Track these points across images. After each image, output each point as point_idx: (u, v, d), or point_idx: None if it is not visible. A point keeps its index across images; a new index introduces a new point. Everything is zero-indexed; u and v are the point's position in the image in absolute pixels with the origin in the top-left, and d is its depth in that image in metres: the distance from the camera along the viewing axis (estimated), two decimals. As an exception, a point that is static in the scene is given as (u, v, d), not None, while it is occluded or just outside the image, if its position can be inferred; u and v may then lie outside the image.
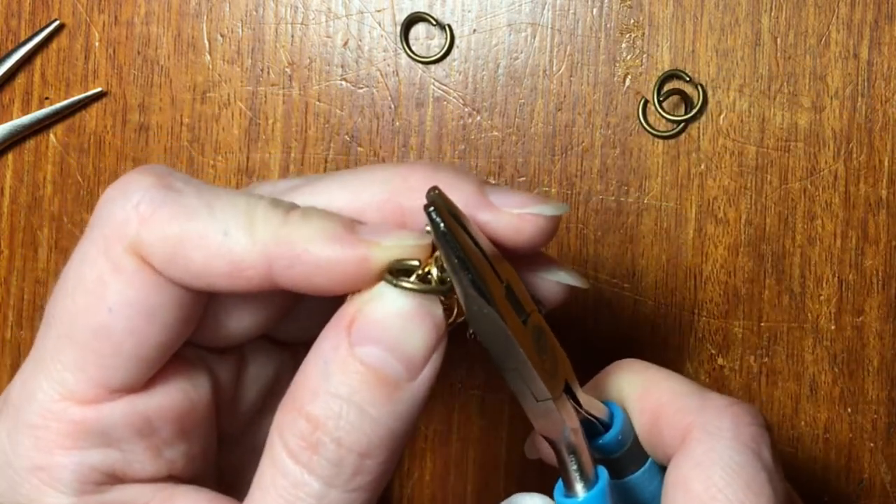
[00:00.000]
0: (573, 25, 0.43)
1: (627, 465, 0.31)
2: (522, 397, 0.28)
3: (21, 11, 0.44)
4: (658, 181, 0.42)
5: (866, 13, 0.42)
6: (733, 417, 0.29)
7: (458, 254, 0.25)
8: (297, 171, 0.43)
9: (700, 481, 0.28)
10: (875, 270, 0.42)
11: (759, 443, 0.29)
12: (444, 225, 0.25)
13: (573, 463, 0.29)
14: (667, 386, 0.31)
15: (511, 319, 0.26)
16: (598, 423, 0.30)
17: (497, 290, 0.26)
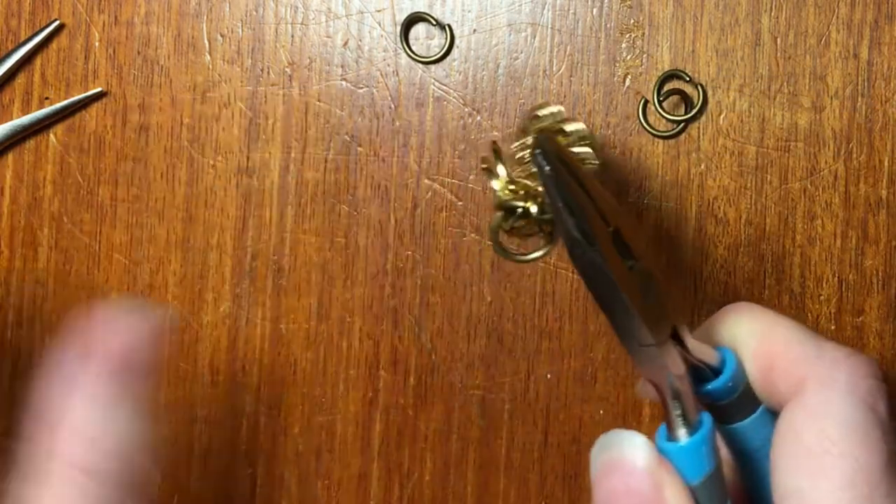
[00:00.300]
0: (573, 25, 0.43)
1: (738, 411, 0.31)
2: (626, 341, 0.28)
3: (21, 11, 0.44)
4: (658, 181, 0.42)
5: (866, 13, 0.42)
6: (850, 369, 0.28)
7: (564, 196, 0.25)
8: (297, 171, 0.43)
9: (813, 433, 0.27)
10: (875, 270, 0.42)
11: (875, 396, 0.28)
12: (549, 168, 0.25)
13: (676, 408, 0.28)
14: (783, 333, 0.30)
15: (615, 263, 0.26)
16: (707, 370, 0.30)
17: (602, 234, 0.26)
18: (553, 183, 0.25)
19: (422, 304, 0.43)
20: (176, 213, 0.44)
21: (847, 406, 0.28)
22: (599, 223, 0.26)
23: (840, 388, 0.28)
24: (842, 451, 0.27)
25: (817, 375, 0.29)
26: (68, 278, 0.44)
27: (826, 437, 0.27)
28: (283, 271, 0.43)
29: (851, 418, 0.28)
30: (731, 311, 0.32)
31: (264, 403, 0.44)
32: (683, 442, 0.28)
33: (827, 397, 0.28)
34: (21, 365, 0.44)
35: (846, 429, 0.27)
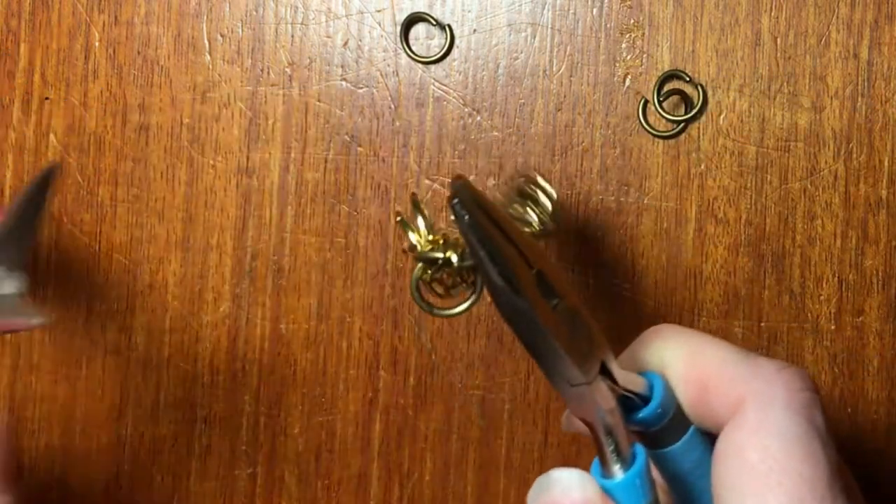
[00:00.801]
0: (573, 25, 0.43)
1: (669, 435, 0.31)
2: (555, 382, 0.28)
3: (21, 11, 0.44)
4: (658, 181, 0.42)
5: (866, 13, 0.42)
6: (785, 383, 0.29)
7: (485, 244, 0.25)
8: (297, 171, 0.43)
9: (755, 450, 0.27)
10: (875, 270, 0.42)
11: (811, 409, 0.28)
12: (468, 217, 0.25)
13: (610, 444, 0.28)
14: (713, 353, 0.30)
15: (540, 307, 0.26)
16: (636, 398, 0.30)
17: (526, 279, 0.26)
18: (472, 231, 0.25)
19: (422, 304, 0.43)
20: (176, 213, 0.44)
21: (787, 421, 0.28)
22: (522, 268, 0.26)
23: (778, 403, 0.28)
24: (785, 466, 0.27)
25: (755, 392, 0.28)
26: (68, 278, 0.44)
27: (769, 454, 0.27)
28: (283, 271, 0.43)
29: (792, 433, 0.28)
30: (654, 334, 0.32)
31: (264, 403, 0.44)
32: (619, 478, 0.28)
33: (767, 414, 0.28)
34: (21, 365, 0.44)
35: (788, 444, 0.27)
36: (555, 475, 0.28)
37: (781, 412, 0.28)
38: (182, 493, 0.44)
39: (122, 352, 0.44)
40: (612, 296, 0.42)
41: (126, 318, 0.44)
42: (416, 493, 0.43)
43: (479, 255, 0.25)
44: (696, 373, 0.30)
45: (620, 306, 0.42)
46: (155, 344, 0.43)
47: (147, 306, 0.44)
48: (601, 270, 0.42)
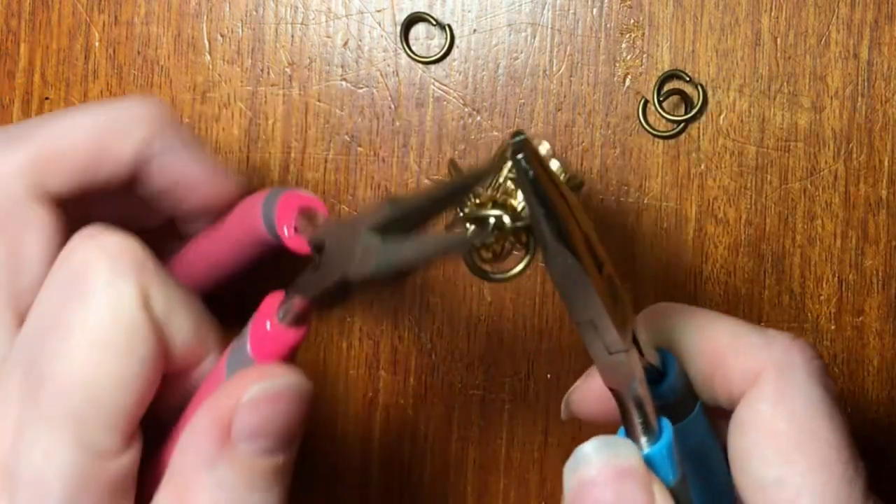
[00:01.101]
0: (573, 25, 0.43)
1: (678, 410, 0.31)
2: (595, 349, 0.27)
3: (21, 11, 0.44)
4: (658, 181, 0.42)
5: (866, 13, 0.42)
6: (801, 352, 0.29)
7: (545, 200, 0.25)
8: (297, 171, 0.43)
9: (783, 417, 0.28)
10: (875, 270, 0.42)
11: (826, 377, 0.29)
12: (532, 173, 0.25)
13: (639, 416, 0.28)
14: (724, 327, 0.30)
15: (591, 269, 0.26)
16: (654, 372, 0.30)
17: (579, 239, 0.26)
18: (534, 187, 0.25)
19: (422, 304, 0.43)
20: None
21: (810, 387, 0.28)
22: (576, 228, 0.26)
23: (798, 371, 0.28)
24: (814, 432, 0.27)
25: (774, 361, 0.29)
26: (68, 278, 0.44)
27: (796, 420, 0.28)
28: (283, 271, 0.43)
29: (816, 399, 0.28)
30: (659, 313, 0.32)
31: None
32: (647, 450, 0.28)
33: (788, 381, 0.28)
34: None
35: (814, 410, 0.28)
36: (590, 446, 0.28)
37: (803, 378, 0.28)
38: (182, 493, 0.44)
39: (122, 352, 0.44)
40: (612, 296, 0.42)
41: (126, 318, 0.44)
42: (416, 493, 0.43)
43: (538, 212, 0.25)
44: (710, 346, 0.30)
45: (620, 306, 0.42)
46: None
47: (147, 306, 0.44)
48: (601, 270, 0.43)
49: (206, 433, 0.27)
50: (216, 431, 0.26)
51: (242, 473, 0.26)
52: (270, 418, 0.27)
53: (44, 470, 0.26)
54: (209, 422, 0.27)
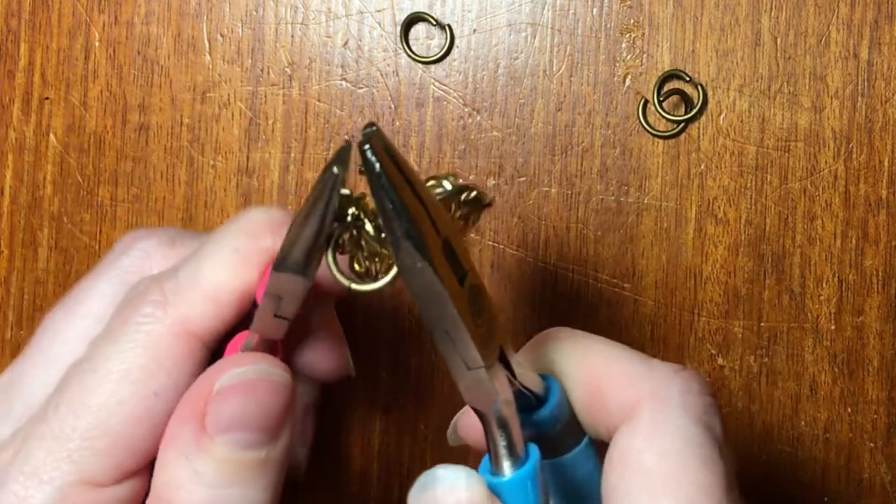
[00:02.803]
0: (573, 25, 0.43)
1: (562, 442, 0.29)
2: (453, 364, 0.26)
3: (21, 11, 0.44)
4: (658, 181, 0.42)
5: (866, 13, 0.42)
6: (682, 386, 0.27)
7: (393, 198, 0.23)
8: (297, 171, 0.43)
9: (652, 455, 0.26)
10: (875, 270, 0.42)
11: (709, 414, 0.27)
12: (379, 166, 0.23)
13: (503, 439, 0.26)
14: (607, 355, 0.29)
15: (447, 276, 0.24)
16: (531, 397, 0.28)
17: (433, 243, 0.24)
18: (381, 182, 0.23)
19: (422, 304, 0.43)
20: (176, 213, 0.44)
21: (686, 424, 0.27)
22: (431, 230, 0.24)
23: (675, 405, 0.27)
24: (682, 472, 0.26)
25: (650, 395, 0.27)
26: (68, 278, 0.44)
27: (665, 458, 0.26)
28: (283, 271, 0.43)
29: (691, 438, 0.26)
30: (547, 336, 0.30)
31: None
32: (508, 476, 0.26)
33: (663, 416, 0.27)
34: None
35: (686, 448, 0.26)
36: (439, 472, 0.26)
37: (678, 415, 0.27)
38: (182, 493, 0.44)
39: (122, 352, 0.44)
40: (612, 296, 0.42)
41: (126, 318, 0.44)
42: (416, 493, 0.43)
43: (387, 208, 0.23)
44: (589, 373, 0.29)
45: (620, 306, 0.42)
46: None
47: (147, 306, 0.44)
48: (601, 270, 0.42)
49: (183, 425, 0.26)
50: (192, 423, 0.26)
51: (220, 467, 0.26)
52: (244, 408, 0.26)
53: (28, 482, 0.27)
54: (185, 413, 0.26)
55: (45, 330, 0.32)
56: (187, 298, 0.28)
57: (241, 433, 0.26)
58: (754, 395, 0.42)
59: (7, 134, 0.44)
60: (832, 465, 0.42)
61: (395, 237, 0.23)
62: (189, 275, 0.29)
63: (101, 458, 0.27)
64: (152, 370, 0.27)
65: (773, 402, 0.42)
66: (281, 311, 0.28)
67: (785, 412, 0.42)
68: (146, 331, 0.28)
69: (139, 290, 0.29)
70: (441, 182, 0.29)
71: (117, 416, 0.27)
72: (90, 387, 0.28)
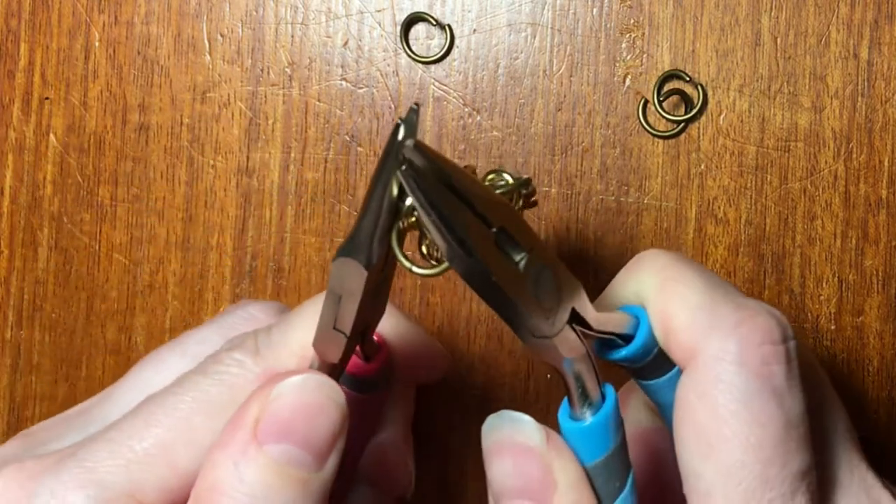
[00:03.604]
0: (573, 25, 0.43)
1: (655, 369, 0.30)
2: (520, 334, 0.27)
3: (21, 11, 0.44)
4: (658, 181, 0.42)
5: (866, 13, 0.42)
6: (741, 339, 0.27)
7: (436, 208, 0.24)
8: (297, 171, 0.43)
9: (704, 412, 0.27)
10: (875, 270, 0.42)
11: (770, 364, 0.27)
12: (415, 182, 0.24)
13: (578, 388, 0.28)
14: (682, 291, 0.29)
15: (497, 267, 0.25)
16: (617, 339, 0.29)
17: (480, 239, 0.25)
18: (422, 197, 0.24)
19: (422, 304, 0.43)
20: (176, 213, 0.44)
21: (739, 380, 0.27)
22: (477, 228, 0.25)
23: (732, 361, 0.27)
24: (734, 430, 0.26)
25: (709, 348, 0.27)
26: (68, 278, 0.44)
27: (716, 415, 0.27)
28: (283, 271, 0.43)
29: (743, 394, 0.27)
30: (641, 260, 0.30)
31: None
32: (586, 421, 0.28)
33: (718, 373, 0.27)
34: (21, 365, 0.44)
35: (737, 407, 0.26)
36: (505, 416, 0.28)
37: (733, 371, 0.27)
38: (182, 493, 0.44)
39: (122, 352, 0.44)
40: (612, 296, 0.42)
41: (126, 318, 0.44)
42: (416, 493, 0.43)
43: (428, 215, 0.24)
44: (661, 311, 0.29)
45: (620, 306, 0.42)
46: (155, 344, 0.43)
47: (147, 306, 0.44)
48: (601, 270, 0.42)
49: (235, 430, 0.26)
50: (245, 429, 0.26)
51: (264, 478, 0.26)
52: (295, 420, 0.26)
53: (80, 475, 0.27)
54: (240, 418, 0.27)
55: (146, 361, 0.33)
56: (276, 352, 0.30)
57: (290, 446, 0.26)
58: (754, 395, 0.42)
59: (7, 134, 0.44)
60: (832, 465, 0.42)
61: (441, 239, 0.25)
62: (281, 331, 0.30)
63: (155, 477, 0.28)
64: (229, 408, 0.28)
65: (773, 402, 0.42)
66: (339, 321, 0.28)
67: (785, 412, 0.42)
68: (234, 373, 0.29)
69: (236, 341, 0.31)
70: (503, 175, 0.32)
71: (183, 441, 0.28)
72: (167, 406, 0.28)
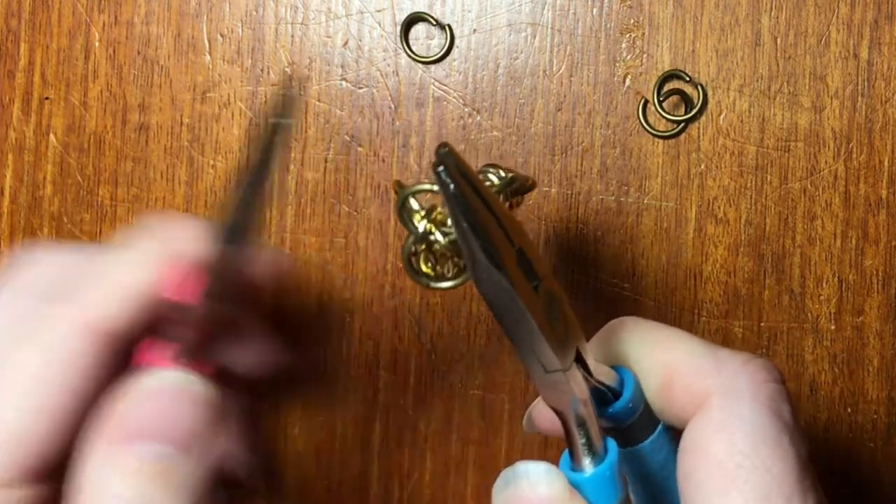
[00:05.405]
0: (573, 25, 0.43)
1: (638, 432, 0.30)
2: (531, 368, 0.27)
3: (21, 11, 0.44)
4: (658, 181, 0.42)
5: (866, 13, 0.42)
6: (750, 376, 0.28)
7: (468, 216, 0.24)
8: (297, 171, 0.43)
9: (722, 446, 0.27)
10: (875, 270, 0.42)
11: (778, 401, 0.28)
12: (454, 186, 0.24)
13: (581, 436, 0.27)
14: (679, 346, 0.30)
15: (521, 286, 0.25)
16: (606, 391, 0.29)
17: (508, 256, 0.25)
18: (456, 201, 0.24)
19: (422, 304, 0.43)
20: (176, 213, 0.44)
21: (754, 415, 0.27)
22: (505, 243, 0.25)
23: (745, 396, 0.27)
24: (754, 463, 0.26)
25: (720, 386, 0.28)
26: (68, 278, 0.44)
27: (737, 449, 0.27)
28: (283, 271, 0.43)
29: (760, 427, 0.27)
30: (618, 327, 0.31)
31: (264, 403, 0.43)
32: (589, 472, 0.27)
33: (733, 408, 0.27)
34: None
35: (756, 439, 0.27)
36: (521, 468, 0.27)
37: (748, 405, 0.27)
38: (182, 493, 0.44)
39: (122, 352, 0.44)
40: (612, 296, 0.42)
41: (126, 318, 0.44)
42: (416, 493, 0.43)
43: (462, 227, 0.24)
44: (662, 365, 0.29)
45: (620, 306, 0.42)
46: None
47: (147, 306, 0.44)
48: (601, 270, 0.42)
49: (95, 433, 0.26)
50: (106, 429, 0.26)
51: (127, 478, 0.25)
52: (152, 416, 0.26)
53: None
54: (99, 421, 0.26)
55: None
56: (93, 297, 0.28)
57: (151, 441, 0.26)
58: (754, 395, 0.42)
59: (7, 134, 0.44)
60: (832, 466, 0.42)
61: (470, 252, 0.24)
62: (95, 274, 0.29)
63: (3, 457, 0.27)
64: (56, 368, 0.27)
65: (773, 402, 0.42)
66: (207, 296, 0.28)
67: (785, 412, 0.42)
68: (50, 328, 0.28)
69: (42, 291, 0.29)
70: (488, 176, 0.31)
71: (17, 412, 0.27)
72: None
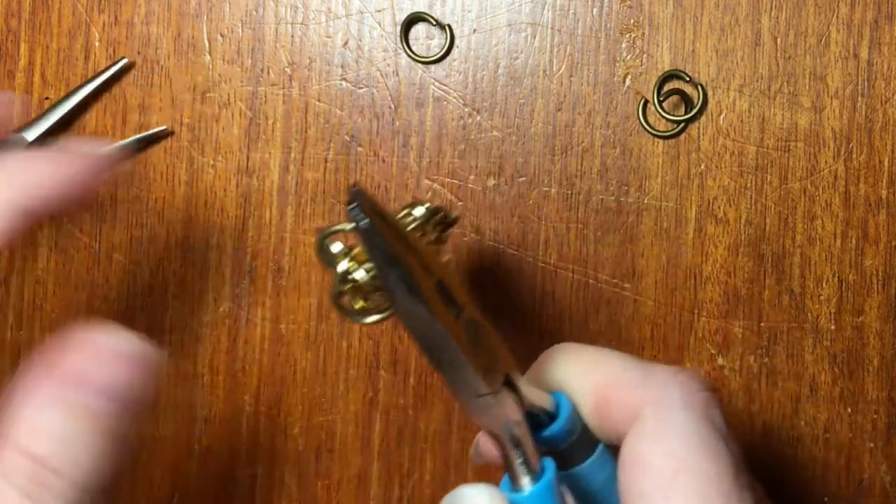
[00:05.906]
0: (573, 25, 0.43)
1: (577, 453, 0.31)
2: (461, 393, 0.27)
3: (21, 11, 0.44)
4: (658, 181, 0.42)
5: (866, 13, 0.42)
6: (680, 386, 0.29)
7: (383, 249, 0.25)
8: (297, 171, 0.43)
9: (659, 454, 0.28)
10: (875, 270, 0.42)
11: (709, 408, 0.29)
12: (367, 222, 0.25)
13: (518, 456, 0.28)
14: (607, 364, 0.31)
15: (441, 313, 0.26)
16: (543, 415, 0.30)
17: (426, 286, 0.26)
18: (370, 236, 0.25)
19: (422, 304, 0.43)
20: (176, 213, 0.44)
21: (687, 421, 0.28)
22: (422, 274, 0.26)
23: (676, 405, 0.28)
24: (691, 467, 0.27)
25: (653, 397, 0.29)
26: (68, 278, 0.44)
27: (674, 456, 0.27)
28: (282, 271, 0.43)
29: (694, 433, 0.28)
30: (552, 352, 0.32)
31: (264, 403, 0.44)
32: (527, 490, 0.28)
33: (666, 417, 0.28)
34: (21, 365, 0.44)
35: (690, 444, 0.28)
36: (462, 491, 0.28)
37: (680, 413, 0.28)
38: (182, 493, 0.44)
39: (122, 352, 0.44)
40: (612, 296, 0.42)
41: (126, 318, 0.44)
42: (416, 493, 0.43)
43: (378, 260, 0.25)
44: (594, 385, 0.30)
45: (620, 306, 0.42)
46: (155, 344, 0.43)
47: (147, 306, 0.44)
48: (601, 270, 0.42)
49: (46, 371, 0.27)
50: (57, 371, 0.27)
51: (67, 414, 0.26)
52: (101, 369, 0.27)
53: None
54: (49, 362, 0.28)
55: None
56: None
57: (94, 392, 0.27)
58: (754, 395, 0.42)
59: (7, 134, 0.44)
60: (832, 465, 0.42)
61: (389, 284, 0.25)
62: None
63: None
64: None
65: (773, 402, 0.42)
66: None
67: (785, 412, 0.42)
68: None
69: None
70: (411, 211, 0.32)
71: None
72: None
